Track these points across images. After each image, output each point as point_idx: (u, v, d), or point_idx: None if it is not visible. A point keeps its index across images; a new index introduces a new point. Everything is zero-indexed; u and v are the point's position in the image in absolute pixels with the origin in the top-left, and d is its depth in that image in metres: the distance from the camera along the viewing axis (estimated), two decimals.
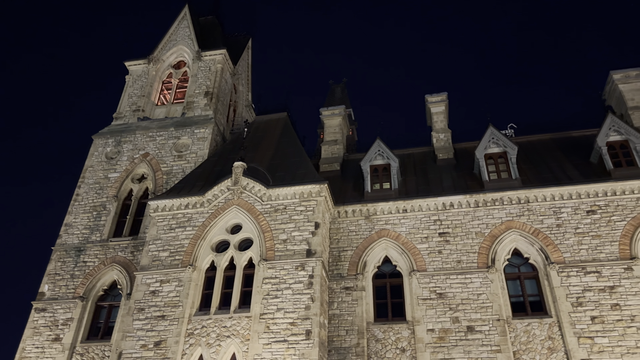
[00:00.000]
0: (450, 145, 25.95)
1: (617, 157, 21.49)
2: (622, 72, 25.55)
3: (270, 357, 17.47)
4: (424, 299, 19.53)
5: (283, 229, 20.44)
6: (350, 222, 22.21)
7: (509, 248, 20.28)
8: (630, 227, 19.36)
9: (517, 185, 21.44)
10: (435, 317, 19.01)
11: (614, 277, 18.47)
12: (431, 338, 18.60)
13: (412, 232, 21.33)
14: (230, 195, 21.80)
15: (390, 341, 19.01)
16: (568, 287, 18.61)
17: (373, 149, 24.46)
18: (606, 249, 19.11)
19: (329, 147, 27.65)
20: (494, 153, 23.01)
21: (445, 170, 24.26)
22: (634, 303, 17.81)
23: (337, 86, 47.86)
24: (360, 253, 21.25)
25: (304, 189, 21.20)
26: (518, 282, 19.84)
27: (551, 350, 17.69)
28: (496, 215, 20.94)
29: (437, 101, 27.25)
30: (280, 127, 26.87)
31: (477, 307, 18.89)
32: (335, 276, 20.75)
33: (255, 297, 18.96)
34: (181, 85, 30.18)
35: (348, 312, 19.76)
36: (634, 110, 24.37)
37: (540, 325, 18.22)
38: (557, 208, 20.47)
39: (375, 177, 23.82)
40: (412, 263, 20.47)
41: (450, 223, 21.21)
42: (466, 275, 19.70)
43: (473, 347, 18.09)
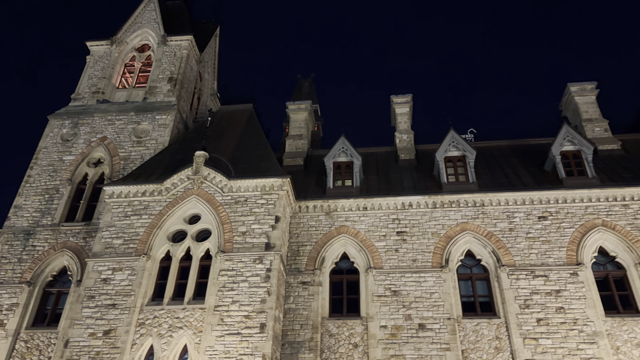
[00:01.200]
0: (413, 147, 26.38)
1: (570, 166, 22.36)
2: (579, 85, 26.60)
3: (223, 349, 17.34)
4: (379, 296, 19.82)
5: (243, 221, 20.28)
6: (310, 217, 22.25)
7: (463, 249, 20.81)
8: (578, 234, 20.21)
9: (473, 188, 22.01)
10: (389, 314, 19.32)
11: (560, 282, 19.24)
12: (384, 334, 18.90)
13: (371, 229, 21.58)
14: (190, 184, 21.44)
15: (343, 336, 19.20)
16: (517, 290, 19.28)
17: (337, 146, 24.58)
18: (554, 254, 19.89)
19: (294, 142, 27.60)
20: (454, 156, 23.53)
21: (406, 171, 24.65)
22: (577, 307, 18.62)
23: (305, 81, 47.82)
24: (319, 248, 21.34)
25: (266, 182, 21.09)
26: (470, 282, 20.41)
27: (498, 350, 18.30)
28: (452, 217, 21.44)
29: (402, 102, 27.62)
30: (245, 118, 26.60)
31: (430, 305, 19.32)
32: (293, 270, 20.77)
33: (211, 288, 18.75)
34: (144, 70, 29.38)
35: (304, 306, 19.82)
36: (587, 122, 25.42)
37: (488, 326, 18.81)
38: (510, 212, 21.15)
39: (337, 174, 23.96)
40: (370, 260, 20.71)
41: (408, 222, 21.58)
42: (420, 274, 20.10)
43: (423, 345, 18.50)
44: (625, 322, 18.22)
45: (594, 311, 18.41)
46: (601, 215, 20.46)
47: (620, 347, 17.78)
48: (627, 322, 18.21)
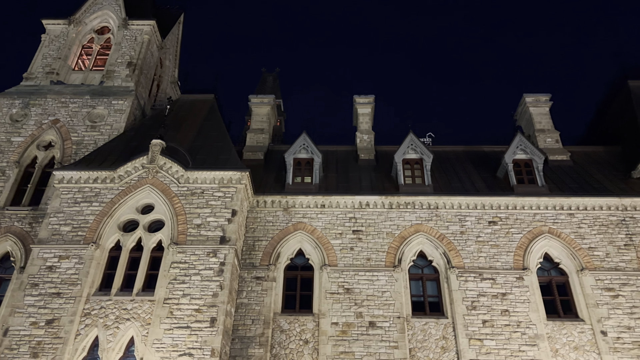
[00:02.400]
0: (373, 147, 26.67)
1: (521, 174, 23.17)
2: (534, 96, 27.59)
3: (171, 342, 17.04)
4: (332, 293, 19.96)
5: (198, 213, 19.96)
6: (268, 212, 22.15)
7: (416, 250, 21.23)
8: (525, 239, 20.98)
9: (429, 191, 22.48)
10: (341, 311, 19.49)
11: (506, 285, 19.93)
12: (334, 331, 19.06)
13: (327, 227, 21.68)
14: (145, 173, 20.91)
15: (295, 332, 19.23)
16: (465, 291, 19.84)
17: (298, 142, 24.55)
18: (502, 258, 20.58)
19: (255, 136, 27.36)
20: (411, 159, 23.95)
21: (365, 171, 24.90)
22: (521, 310, 19.34)
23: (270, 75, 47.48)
24: (275, 244, 21.27)
25: (224, 174, 20.83)
26: (420, 282, 20.84)
27: (444, 350, 18.79)
28: (407, 218, 21.83)
29: (365, 103, 27.86)
30: (205, 108, 26.16)
31: (381, 304, 19.62)
32: (248, 265, 20.62)
33: (161, 281, 18.37)
34: (102, 53, 28.40)
35: (256, 301, 19.72)
36: (540, 132, 26.41)
37: (436, 325, 19.28)
38: (462, 216, 21.72)
39: (297, 170, 23.93)
40: (325, 257, 20.82)
41: (365, 222, 21.81)
42: (374, 273, 20.37)
43: (373, 342, 18.77)
44: (565, 326, 19.06)
45: (537, 315, 19.18)
46: (548, 222, 21.32)
47: (559, 350, 18.59)
48: (566, 326, 19.05)
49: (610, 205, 21.46)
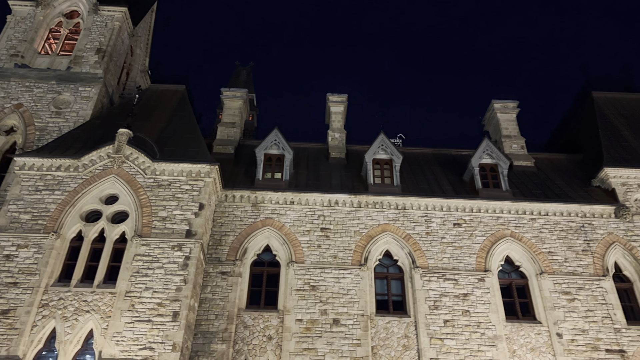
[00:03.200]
0: (344, 146, 26.78)
1: (487, 178, 23.69)
2: (502, 103, 28.23)
3: (132, 336, 16.73)
4: (298, 290, 19.98)
5: (164, 206, 19.65)
6: (236, 207, 21.99)
7: (382, 249, 21.45)
8: (488, 242, 21.47)
9: (397, 191, 22.74)
10: (306, 308, 19.53)
11: (468, 286, 20.36)
12: (299, 328, 19.09)
13: (296, 224, 21.68)
14: (110, 163, 20.44)
15: (258, 328, 19.17)
16: (428, 291, 20.17)
17: (270, 137, 24.43)
18: (465, 259, 21.01)
19: (226, 129, 27.09)
20: (381, 159, 24.16)
21: (336, 169, 25.00)
22: (482, 311, 19.79)
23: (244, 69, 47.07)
24: (243, 239, 21.14)
25: (192, 167, 20.56)
26: (385, 281, 21.08)
27: (405, 348, 19.06)
28: (375, 217, 22.03)
29: (338, 101, 27.95)
30: (176, 99, 25.74)
31: (346, 301, 19.75)
32: (213, 260, 20.43)
33: (124, 273, 18.00)
34: (71, 37, 27.55)
35: (221, 297, 19.56)
36: (506, 138, 27.05)
37: (399, 324, 19.54)
38: (428, 217, 22.07)
39: (268, 166, 23.83)
40: (292, 254, 20.82)
41: (333, 220, 21.90)
42: (340, 271, 20.49)
43: (336, 340, 18.89)
44: (522, 328, 19.60)
45: (497, 316, 19.66)
46: (510, 226, 21.87)
47: (516, 351, 19.11)
48: (524, 328, 19.60)
49: (570, 212, 22.17)
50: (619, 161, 23.86)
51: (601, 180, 23.64)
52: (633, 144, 25.38)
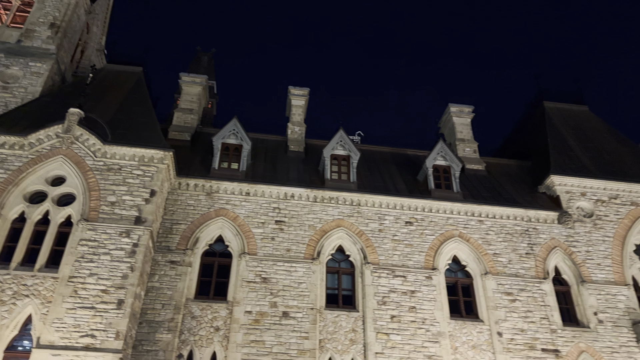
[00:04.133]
0: (303, 140, 26.76)
1: (440, 179, 24.27)
2: (458, 107, 28.94)
3: (73, 322, 16.19)
4: (249, 282, 19.88)
5: (114, 190, 19.07)
6: (190, 195, 21.61)
7: (335, 244, 21.64)
8: (437, 241, 22.04)
9: (353, 188, 22.97)
10: (256, 300, 19.47)
11: (416, 283, 20.84)
12: (247, 320, 19.01)
13: (250, 215, 21.54)
14: (59, 143, 19.62)
15: (206, 319, 18.96)
16: (377, 287, 20.52)
17: (228, 127, 24.10)
18: (415, 257, 21.49)
19: (183, 115, 26.49)
20: (339, 155, 24.33)
21: (294, 162, 24.96)
22: (427, 308, 20.32)
23: (205, 55, 46.11)
24: (195, 229, 20.80)
25: (145, 152, 20.04)
26: (336, 276, 21.29)
27: (352, 342, 19.34)
28: (330, 213, 22.18)
29: (299, 95, 27.87)
30: (132, 81, 24.95)
31: (296, 294, 19.82)
32: (163, 248, 20.01)
33: (67, 257, 17.38)
34: (23, 9, 26.23)
35: (169, 286, 19.20)
36: (460, 141, 27.79)
37: (347, 318, 19.80)
38: (382, 214, 22.42)
39: (225, 155, 23.51)
40: (245, 246, 20.68)
41: (288, 213, 21.89)
42: (292, 264, 20.53)
43: (285, 332, 18.94)
44: (465, 326, 20.26)
45: (441, 313, 20.23)
46: (459, 227, 22.53)
47: (458, 348, 19.74)
48: (467, 326, 20.27)
49: (516, 216, 23.05)
50: (565, 170, 24.97)
51: (547, 187, 24.69)
52: (578, 154, 26.62)
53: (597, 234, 23.06)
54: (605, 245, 22.80)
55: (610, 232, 23.17)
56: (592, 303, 21.22)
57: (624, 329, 20.75)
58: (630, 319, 20.98)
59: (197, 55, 44.74)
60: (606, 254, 22.54)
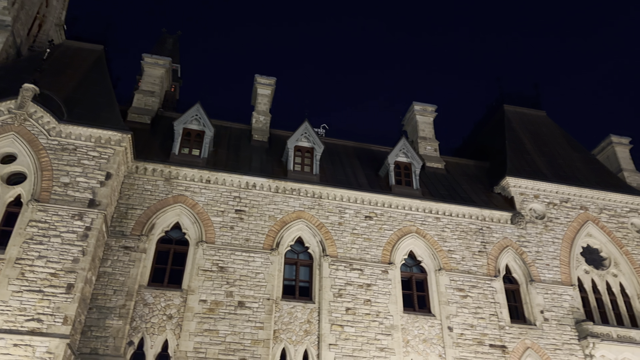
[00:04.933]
0: (267, 129, 26.55)
1: (400, 175, 24.60)
2: (422, 105, 29.36)
3: (19, 306, 15.60)
4: (205, 270, 19.65)
5: (67, 171, 18.40)
6: (147, 180, 21.11)
7: (295, 236, 21.66)
8: (395, 236, 22.39)
9: (315, 180, 23.00)
10: (211, 289, 19.27)
11: (372, 277, 21.13)
12: (202, 308, 18.80)
13: (210, 203, 21.26)
14: (11, 119, 18.75)
15: (159, 307, 18.64)
16: (334, 279, 20.68)
17: (191, 112, 23.64)
18: (372, 251, 21.76)
19: (144, 97, 25.78)
20: (303, 147, 24.29)
21: (257, 152, 24.76)
22: (382, 301, 20.65)
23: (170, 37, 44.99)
24: (151, 214, 20.36)
25: (103, 133, 19.43)
26: (294, 267, 21.34)
27: (307, 333, 19.45)
28: (291, 204, 22.15)
29: (265, 84, 27.61)
30: (92, 59, 24.07)
31: (253, 284, 19.74)
32: (117, 233, 19.50)
33: (15, 239, 16.70)
34: None
35: (122, 272, 18.74)
36: (422, 140, 28.25)
37: (303, 309, 19.88)
38: (342, 208, 22.57)
39: (186, 141, 23.07)
40: (203, 234, 20.41)
41: (249, 202, 21.73)
42: (250, 254, 20.42)
43: (239, 322, 18.85)
44: (418, 320, 20.71)
45: (395, 307, 20.60)
46: (417, 223, 22.95)
47: (410, 341, 20.17)
48: (419, 320, 20.72)
49: (472, 214, 23.66)
50: (520, 172, 25.79)
51: (502, 188, 25.45)
52: (534, 158, 27.54)
53: (548, 235, 23.97)
54: (554, 246, 23.73)
55: (560, 234, 24.13)
56: (539, 302, 22.07)
57: (567, 327, 21.69)
58: (573, 318, 21.95)
59: (162, 36, 43.59)
60: (555, 255, 23.48)
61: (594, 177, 26.97)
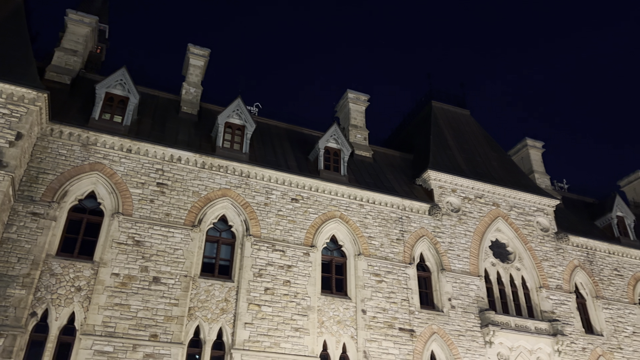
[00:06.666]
0: (198, 102, 25.74)
1: (329, 161, 24.87)
2: (356, 94, 29.74)
3: None
4: (120, 243, 18.88)
5: None
6: (63, 144, 19.82)
7: (219, 213, 21.33)
8: (319, 220, 22.69)
9: (244, 159, 22.70)
10: (125, 263, 18.58)
11: (294, 258, 21.33)
12: (113, 282, 18.09)
13: (130, 174, 20.38)
14: None
15: (68, 278, 17.71)
16: (256, 259, 20.66)
17: (115, 76, 22.37)
18: (296, 233, 21.94)
19: (65, 56, 24.00)
20: (234, 124, 23.83)
21: (185, 124, 23.97)
22: (301, 282, 20.93)
23: None
24: (64, 181, 19.18)
25: (15, 90, 17.96)
26: (216, 245, 21.05)
27: (223, 311, 19.32)
28: (217, 181, 21.75)
29: (199, 54, 26.67)
30: (8, 9, 21.93)
31: (170, 260, 19.25)
32: (25, 198, 18.19)
33: None
34: None
35: (28, 239, 17.55)
36: (353, 127, 28.68)
37: (221, 288, 19.71)
38: (270, 189, 22.50)
39: (108, 106, 21.83)
40: (119, 205, 19.56)
41: (172, 176, 21.07)
42: (170, 229, 19.86)
43: (153, 298, 18.35)
44: (334, 302, 21.23)
45: (314, 289, 20.98)
46: (341, 209, 23.39)
47: (324, 322, 20.65)
48: (335, 302, 21.24)
49: (393, 204, 24.47)
50: (441, 166, 26.97)
51: (424, 180, 26.51)
52: (455, 154, 28.88)
53: (461, 227, 25.34)
54: (466, 238, 25.14)
55: (472, 228, 25.60)
56: (448, 290, 23.35)
57: (471, 315, 23.16)
58: (478, 307, 23.47)
59: None
60: (466, 247, 24.90)
61: (507, 177, 28.78)
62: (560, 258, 26.87)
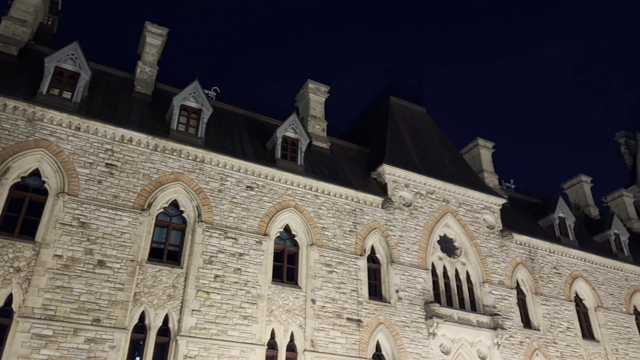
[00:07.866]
0: (153, 82, 25.01)
1: (287, 150, 24.75)
2: (316, 84, 29.68)
3: None
4: (64, 224, 18.16)
5: None
6: (7, 118, 18.84)
7: (170, 198, 20.88)
8: (273, 209, 22.61)
9: (199, 143, 22.26)
10: (69, 245, 17.91)
11: (246, 246, 21.18)
12: (56, 264, 17.42)
13: (77, 153, 19.61)
14: None
15: (6, 258, 16.92)
16: (207, 246, 20.37)
17: (66, 50, 21.35)
18: (250, 222, 21.78)
19: (13, 25, 22.70)
20: (190, 107, 23.30)
21: (138, 104, 23.25)
22: (252, 271, 20.83)
23: None
24: (6, 157, 18.26)
25: None
26: (165, 230, 20.61)
27: (170, 297, 18.98)
28: (170, 165, 21.26)
29: (156, 33, 25.82)
30: None
31: (117, 244, 18.70)
32: None
33: None
34: None
35: None
36: (312, 118, 28.67)
37: (169, 274, 19.34)
38: (224, 175, 22.19)
39: (57, 81, 20.85)
40: (65, 185, 18.80)
41: (122, 157, 20.43)
42: (118, 212, 19.28)
43: (97, 282, 17.80)
44: (284, 291, 21.27)
45: (264, 277, 20.93)
46: (296, 198, 23.39)
47: (274, 311, 20.68)
48: (285, 291, 21.29)
49: (348, 196, 24.71)
50: (396, 161, 27.42)
51: (379, 174, 26.87)
52: (409, 150, 29.42)
53: (412, 222, 25.90)
54: (416, 232, 25.74)
55: (422, 222, 26.22)
56: (396, 282, 23.87)
57: (417, 307, 23.78)
58: (423, 299, 24.12)
59: None
60: (415, 241, 25.49)
61: (458, 174, 29.60)
62: (504, 255, 27.96)
